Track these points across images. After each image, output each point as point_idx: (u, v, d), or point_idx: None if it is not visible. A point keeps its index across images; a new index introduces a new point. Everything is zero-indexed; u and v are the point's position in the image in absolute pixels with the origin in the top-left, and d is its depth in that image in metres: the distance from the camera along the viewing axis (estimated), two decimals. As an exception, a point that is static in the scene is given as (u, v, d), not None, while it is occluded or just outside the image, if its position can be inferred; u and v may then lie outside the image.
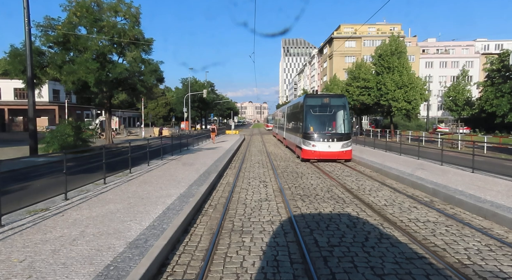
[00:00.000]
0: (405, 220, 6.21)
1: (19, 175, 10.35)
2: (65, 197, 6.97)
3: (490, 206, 6.39)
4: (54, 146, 18.23)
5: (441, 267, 4.16)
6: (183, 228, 5.52)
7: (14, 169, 9.48)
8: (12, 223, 5.30)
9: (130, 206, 6.44)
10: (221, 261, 4.36)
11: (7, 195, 6.95)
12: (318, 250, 4.75)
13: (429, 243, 5.02)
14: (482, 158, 15.25)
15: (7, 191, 7.21)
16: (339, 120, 14.41)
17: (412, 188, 9.17)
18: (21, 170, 10.50)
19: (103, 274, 3.51)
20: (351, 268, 4.14)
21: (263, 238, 5.20)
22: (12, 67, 20.57)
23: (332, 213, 6.63)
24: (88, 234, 4.78)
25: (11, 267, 3.70)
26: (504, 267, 4.17)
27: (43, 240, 4.54)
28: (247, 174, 11.48)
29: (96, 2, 23.49)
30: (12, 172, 10.04)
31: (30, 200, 6.49)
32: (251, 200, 7.71)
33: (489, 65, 28.29)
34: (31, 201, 6.38)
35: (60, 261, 3.86)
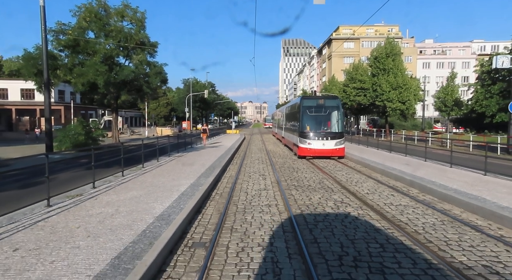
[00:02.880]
0: (381, 204, 7.40)
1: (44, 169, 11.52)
2: (93, 185, 8.16)
3: (453, 193, 7.59)
4: (66, 144, 19.41)
5: (400, 235, 5.36)
6: (196, 209, 6.71)
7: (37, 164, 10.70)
8: (57, 204, 6.50)
9: (150, 192, 7.64)
10: (229, 231, 5.56)
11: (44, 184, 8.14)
12: (305, 224, 5.94)
13: (395, 219, 6.21)
14: (466, 155, 16.41)
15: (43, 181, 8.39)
16: (333, 120, 15.62)
17: (394, 180, 10.36)
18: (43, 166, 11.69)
19: (142, 235, 4.71)
20: (330, 235, 5.33)
21: (262, 216, 6.39)
22: (26, 70, 21.73)
23: (321, 199, 7.82)
24: (122, 211, 5.98)
25: (72, 230, 4.90)
26: (448, 234, 5.36)
27: (88, 215, 5.74)
28: (248, 169, 12.67)
29: (103, 7, 24.67)
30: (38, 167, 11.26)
31: (64, 188, 7.67)
32: (252, 190, 8.91)
33: (480, 67, 29.46)
34: (66, 189, 7.57)
35: (107, 227, 5.06)
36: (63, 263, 3.78)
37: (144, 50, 24.73)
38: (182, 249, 4.76)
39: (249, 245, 4.89)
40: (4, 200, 7.18)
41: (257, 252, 4.65)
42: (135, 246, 4.31)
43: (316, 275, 3.89)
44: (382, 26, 75.87)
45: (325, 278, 3.88)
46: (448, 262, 4.30)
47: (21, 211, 5.91)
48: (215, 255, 4.54)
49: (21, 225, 5.20)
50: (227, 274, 3.98)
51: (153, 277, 3.83)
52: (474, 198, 7.07)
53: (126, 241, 4.48)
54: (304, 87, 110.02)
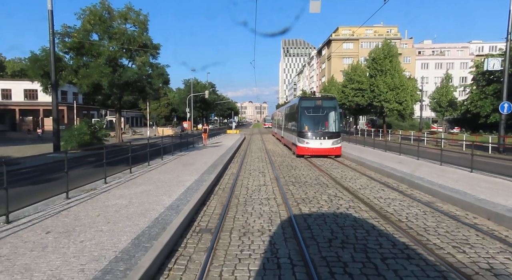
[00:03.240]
0: (371, 198, 8.04)
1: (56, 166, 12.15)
2: (104, 181, 8.80)
3: (438, 188, 8.22)
4: (72, 143, 19.99)
5: (384, 223, 5.99)
6: (201, 201, 7.34)
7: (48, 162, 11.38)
8: (75, 197, 7.14)
9: (158, 187, 8.27)
10: (231, 220, 6.19)
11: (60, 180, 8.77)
12: (301, 214, 6.58)
13: (383, 210, 6.85)
14: (458, 154, 17.04)
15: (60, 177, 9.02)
16: (330, 120, 16.26)
17: (386, 177, 10.99)
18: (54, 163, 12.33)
19: (155, 221, 5.35)
20: (322, 223, 5.97)
21: (261, 208, 7.03)
22: (32, 71, 22.35)
23: (316, 194, 8.46)
24: (134, 203, 6.62)
25: (93, 218, 5.54)
26: (428, 222, 6.00)
27: (105, 206, 6.37)
28: (248, 167, 13.31)
29: (107, 10, 25.34)
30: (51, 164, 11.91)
31: (78, 183, 8.30)
32: (252, 185, 9.55)
33: (475, 69, 30.10)
34: (80, 184, 8.20)
35: (123, 215, 5.70)
36: (91, 242, 4.42)
37: (147, 51, 25.37)
38: (190, 234, 5.39)
39: (249, 231, 5.52)
40: (25, 193, 7.79)
41: (257, 236, 5.28)
42: (150, 230, 4.94)
43: (307, 253, 4.52)
44: (381, 27, 76.51)
45: (315, 256, 4.51)
46: (424, 243, 4.93)
47: (43, 202, 6.55)
48: (220, 239, 5.17)
49: (47, 213, 5.84)
50: (231, 253, 4.61)
51: (168, 255, 4.46)
52: (456, 192, 7.70)
53: (142, 226, 5.12)
54: (303, 87, 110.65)
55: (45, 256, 3.98)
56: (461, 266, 4.20)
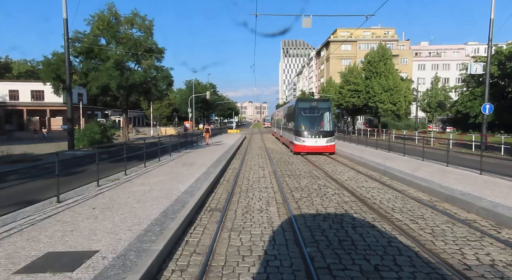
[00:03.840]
0: (355, 187, 9.38)
1: (77, 162, 13.51)
2: (125, 173, 10.15)
3: (413, 178, 9.57)
4: (84, 142, 21.33)
5: (361, 205, 7.33)
6: (210, 189, 8.68)
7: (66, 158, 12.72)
8: (103, 185, 8.49)
9: (172, 178, 9.62)
10: (236, 202, 7.54)
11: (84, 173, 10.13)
12: (293, 198, 7.92)
13: (362, 196, 8.19)
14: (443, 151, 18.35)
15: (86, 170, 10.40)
16: (325, 120, 17.60)
17: (372, 170, 12.33)
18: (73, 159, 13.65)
19: (175, 202, 6.69)
20: (310, 205, 7.31)
21: (260, 194, 8.37)
22: (45, 74, 23.69)
23: (308, 184, 9.80)
24: (155, 189, 7.97)
25: (125, 199, 6.89)
26: (396, 204, 7.35)
27: (131, 191, 7.72)
28: (249, 163, 14.66)
29: (114, 15, 26.67)
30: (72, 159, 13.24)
31: (103, 175, 9.62)
32: (253, 177, 10.89)
33: (465, 71, 31.45)
34: (105, 175, 9.53)
35: (149, 197, 7.05)
36: (129, 214, 5.77)
37: (152, 55, 26.71)
38: (203, 212, 6.74)
39: (251, 210, 6.87)
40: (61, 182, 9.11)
41: (257, 213, 6.63)
42: (173, 207, 6.29)
43: (296, 224, 5.86)
44: (379, 29, 77.89)
45: (302, 225, 5.85)
46: (388, 218, 6.28)
47: (78, 189, 7.89)
48: (227, 215, 6.51)
49: (86, 196, 7.19)
50: (236, 223, 5.96)
51: (188, 224, 5.81)
52: (425, 181, 9.05)
53: (165, 205, 6.47)
54: (303, 87, 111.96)
55: (99, 222, 5.33)
56: (411, 231, 5.55)
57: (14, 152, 16.26)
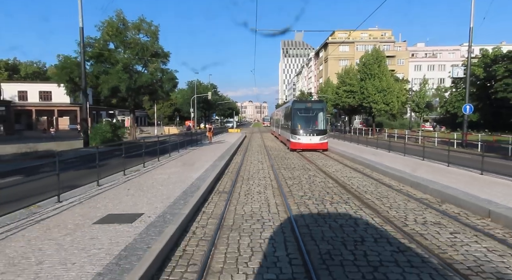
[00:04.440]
0: (339, 176, 11.07)
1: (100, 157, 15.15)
2: (143, 165, 11.85)
3: (389, 170, 11.25)
4: (96, 140, 23.00)
5: (341, 188, 9.03)
6: (217, 178, 10.37)
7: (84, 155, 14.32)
8: (128, 175, 10.18)
9: (185, 169, 11.32)
10: (239, 187, 9.23)
11: (106, 166, 11.81)
12: (286, 184, 9.61)
13: (343, 183, 9.88)
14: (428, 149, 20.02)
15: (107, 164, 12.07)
16: (319, 120, 19.29)
17: (358, 164, 14.01)
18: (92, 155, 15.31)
19: (191, 186, 8.38)
20: (299, 188, 9.00)
21: (259, 182, 10.07)
22: (59, 77, 25.37)
23: (300, 174, 11.48)
24: (172, 177, 9.66)
25: (149, 183, 8.59)
26: (370, 188, 9.03)
27: (153, 178, 9.42)
28: (250, 158, 16.35)
29: (122, 21, 28.36)
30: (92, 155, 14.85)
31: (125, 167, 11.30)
32: (253, 169, 12.58)
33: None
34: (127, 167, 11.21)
35: (169, 183, 8.74)
36: (157, 193, 7.47)
37: (158, 59, 28.40)
38: (213, 193, 8.44)
39: (251, 192, 8.56)
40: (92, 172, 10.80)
41: (256, 194, 8.32)
42: (190, 189, 7.98)
43: (286, 201, 7.55)
44: (376, 31, 79.51)
45: (291, 202, 7.53)
46: (360, 197, 7.96)
47: (110, 177, 9.58)
48: (232, 196, 8.20)
49: (118, 182, 8.88)
50: (241, 201, 7.65)
51: (203, 201, 7.49)
52: (399, 171, 10.74)
53: (184, 187, 8.16)
54: (302, 88, 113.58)
55: (136, 198, 7.03)
56: (374, 205, 7.23)
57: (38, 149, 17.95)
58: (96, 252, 4.12)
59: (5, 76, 51.96)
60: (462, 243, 4.99)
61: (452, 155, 14.95)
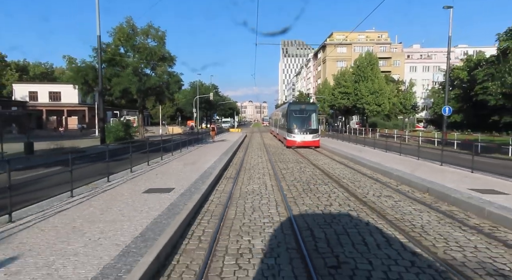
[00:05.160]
0: (326, 167, 13.25)
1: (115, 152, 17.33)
2: (161, 158, 14.03)
3: (369, 163, 13.44)
4: (110, 138, 25.15)
5: (325, 176, 11.22)
6: (224, 169, 12.55)
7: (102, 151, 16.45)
8: (151, 165, 12.37)
9: (196, 161, 13.49)
10: (243, 174, 11.42)
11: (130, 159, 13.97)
12: (281, 173, 11.81)
13: (328, 172, 12.07)
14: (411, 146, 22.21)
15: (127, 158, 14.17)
16: (311, 120, 21.49)
17: (344, 159, 16.20)
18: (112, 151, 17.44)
19: (204, 173, 10.58)
20: (291, 175, 11.20)
21: (259, 171, 12.26)
22: (74, 80, 27.53)
23: (293, 166, 13.67)
24: (188, 167, 11.85)
25: (171, 170, 10.78)
26: (348, 176, 11.23)
27: (172, 167, 11.61)
28: (251, 154, 18.53)
29: (131, 27, 30.50)
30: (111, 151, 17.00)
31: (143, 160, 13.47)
32: (253, 162, 14.77)
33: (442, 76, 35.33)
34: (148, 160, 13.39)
35: (187, 170, 10.94)
36: (180, 177, 9.66)
37: (165, 62, 30.57)
38: (222, 179, 10.63)
39: (253, 178, 10.74)
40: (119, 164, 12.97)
41: (257, 179, 10.51)
42: (204, 174, 10.17)
43: (280, 183, 9.74)
44: (373, 33, 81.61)
45: (283, 184, 9.72)
46: (338, 181, 10.15)
47: (137, 167, 11.75)
48: (238, 180, 10.38)
49: (145, 170, 11.07)
50: (244, 183, 9.84)
51: (215, 183, 9.68)
52: (376, 164, 12.92)
53: (199, 173, 10.35)
54: (301, 88, 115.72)
55: (164, 179, 9.22)
56: (347, 186, 9.42)
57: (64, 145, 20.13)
58: (152, 206, 6.32)
59: (16, 77, 54.12)
60: (399, 206, 7.18)
61: (426, 151, 17.20)
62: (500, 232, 5.50)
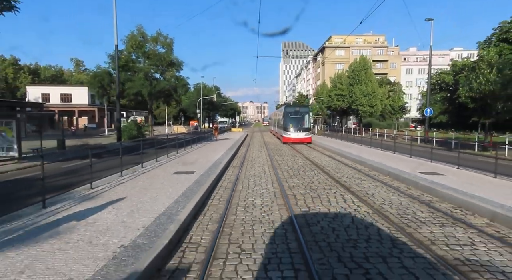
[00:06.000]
0: (316, 159, 15.80)
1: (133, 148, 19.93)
2: (177, 152, 16.61)
3: (350, 155, 15.99)
4: (124, 137, 27.73)
5: (313, 165, 13.78)
6: (230, 160, 15.10)
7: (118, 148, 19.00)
8: (171, 156, 14.96)
9: (206, 155, 16.06)
10: (246, 164, 13.99)
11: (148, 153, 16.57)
12: (277, 163, 14.37)
13: (316, 162, 14.61)
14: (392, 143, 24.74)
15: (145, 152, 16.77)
16: (305, 120, 24.14)
17: (331, 153, 18.74)
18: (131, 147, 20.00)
19: (216, 162, 13.15)
20: (285, 164, 13.76)
21: (260, 162, 14.83)
22: (91, 84, 30.18)
23: (288, 158, 16.22)
24: (201, 158, 14.43)
25: (188, 160, 13.37)
26: (332, 165, 13.78)
27: (188, 158, 14.20)
28: (252, 149, 21.10)
29: (142, 35, 33.14)
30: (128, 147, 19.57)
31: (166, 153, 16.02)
32: (255, 155, 17.33)
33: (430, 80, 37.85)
34: (168, 153, 15.95)
35: (202, 161, 13.52)
36: (197, 165, 12.24)
37: (173, 67, 33.20)
38: (230, 167, 13.20)
39: (255, 166, 13.30)
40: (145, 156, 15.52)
41: (257, 167, 13.07)
42: (215, 163, 12.73)
43: (276, 170, 12.30)
44: (370, 36, 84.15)
45: (279, 170, 12.28)
46: (323, 169, 12.70)
47: (160, 157, 14.32)
48: (242, 168, 12.94)
49: (167, 160, 13.65)
50: (248, 169, 12.40)
51: (225, 169, 12.24)
52: (357, 156, 15.46)
53: (212, 162, 12.91)
54: (301, 89, 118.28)
55: (186, 167, 11.79)
56: (329, 172, 11.97)
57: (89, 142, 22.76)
58: (183, 181, 8.89)
59: (29, 79, 56.84)
60: (363, 183, 9.72)
61: (404, 147, 19.68)
62: (423, 196, 8.05)
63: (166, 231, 4.85)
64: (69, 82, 62.06)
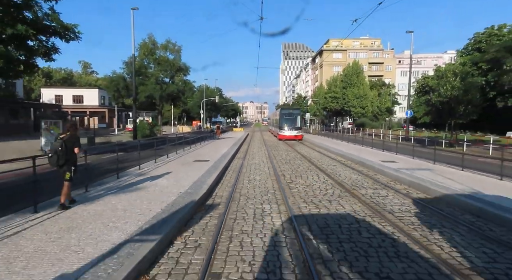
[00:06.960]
0: (306, 154, 19.04)
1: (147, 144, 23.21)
2: (190, 147, 19.88)
3: (335, 150, 19.23)
4: (138, 135, 30.98)
5: (303, 157, 17.03)
6: (235, 154, 18.34)
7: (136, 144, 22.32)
8: (185, 151, 18.22)
9: (214, 150, 19.32)
10: (248, 157, 17.24)
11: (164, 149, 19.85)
12: (274, 156, 17.63)
13: (306, 156, 17.85)
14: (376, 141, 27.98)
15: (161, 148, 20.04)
16: (296, 120, 27.63)
17: (320, 148, 21.98)
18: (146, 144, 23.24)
19: (223, 155, 16.41)
20: (280, 157, 17.02)
21: (259, 155, 18.09)
22: (108, 89, 33.48)
23: (282, 152, 19.47)
24: (210, 152, 17.69)
25: (200, 154, 16.64)
26: (318, 158, 17.04)
27: (201, 151, 17.47)
28: (253, 146, 24.37)
29: (152, 42, 36.47)
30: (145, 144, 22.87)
31: (180, 148, 19.26)
32: (255, 151, 20.59)
33: (416, 83, 41.15)
34: (181, 148, 19.18)
35: (211, 154, 16.79)
36: (208, 156, 15.51)
37: (181, 72, 36.49)
38: (235, 158, 16.46)
39: (255, 159, 16.54)
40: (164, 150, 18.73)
41: (257, 159, 16.33)
42: (223, 155, 15.99)
43: (272, 161, 15.55)
44: (367, 39, 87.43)
45: (274, 161, 15.52)
46: (310, 160, 15.95)
47: (179, 151, 17.58)
48: (245, 159, 16.17)
49: (183, 153, 16.92)
50: (250, 160, 15.65)
51: (231, 159, 15.49)
52: (341, 151, 18.70)
53: (221, 153, 16.17)
54: (300, 90, 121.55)
55: (201, 156, 15.06)
56: (314, 162, 15.22)
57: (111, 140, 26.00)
58: (202, 166, 12.15)
59: (43, 82, 60.16)
60: (336, 168, 12.96)
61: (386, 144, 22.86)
62: (375, 175, 11.31)
63: (203, 187, 8.13)
64: (79, 84, 65.32)
